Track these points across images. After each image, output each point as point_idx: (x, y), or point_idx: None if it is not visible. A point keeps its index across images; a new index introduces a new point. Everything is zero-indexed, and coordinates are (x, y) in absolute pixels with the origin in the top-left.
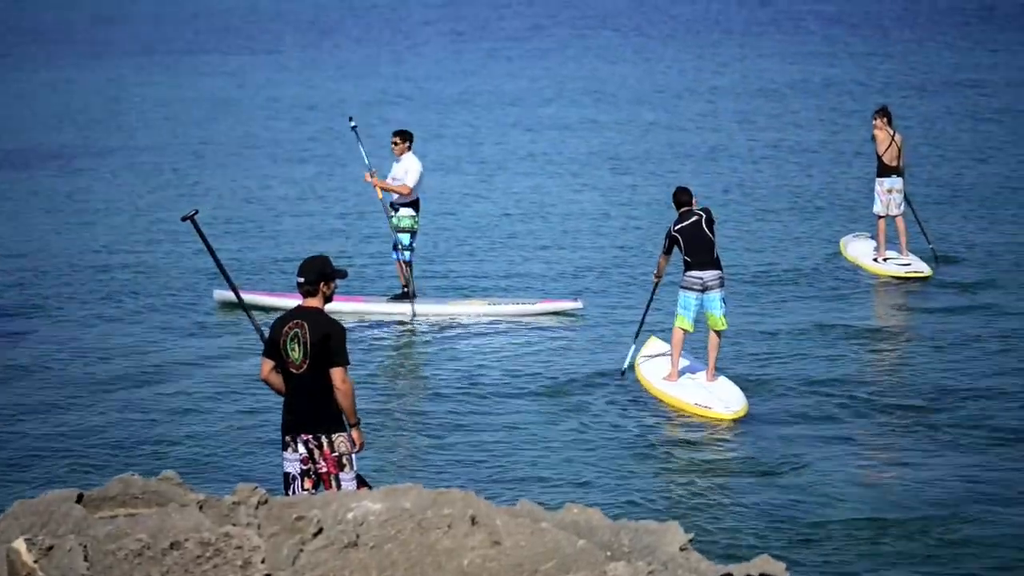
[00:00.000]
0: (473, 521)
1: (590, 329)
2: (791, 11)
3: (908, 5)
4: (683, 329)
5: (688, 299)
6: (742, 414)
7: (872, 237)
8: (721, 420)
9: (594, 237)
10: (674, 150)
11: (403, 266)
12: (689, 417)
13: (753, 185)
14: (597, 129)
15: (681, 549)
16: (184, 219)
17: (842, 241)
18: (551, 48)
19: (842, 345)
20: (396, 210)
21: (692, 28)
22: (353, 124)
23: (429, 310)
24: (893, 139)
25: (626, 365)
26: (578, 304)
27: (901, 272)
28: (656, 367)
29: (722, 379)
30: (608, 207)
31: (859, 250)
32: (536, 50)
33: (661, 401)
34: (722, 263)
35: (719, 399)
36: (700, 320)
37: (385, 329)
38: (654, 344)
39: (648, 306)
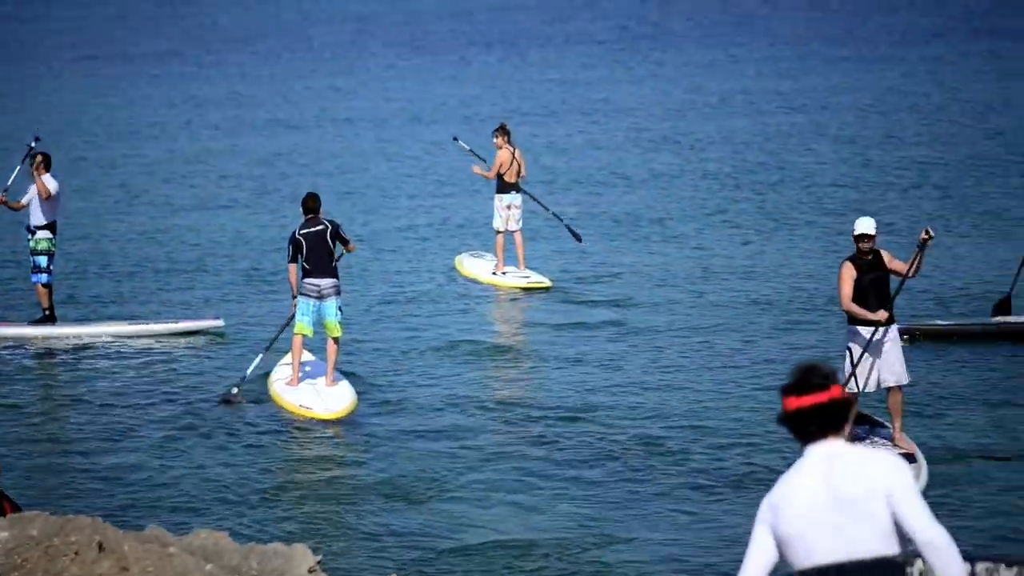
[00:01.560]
0: (101, 548)
1: (230, 347)
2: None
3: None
4: (302, 334)
5: (306, 305)
6: (342, 415)
7: (487, 253)
8: (320, 418)
9: (234, 259)
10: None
11: (42, 289)
12: (324, 434)
13: (390, 210)
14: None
15: (310, 571)
16: None
17: (457, 259)
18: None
19: (472, 361)
20: (33, 233)
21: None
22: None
23: (70, 332)
24: (514, 156)
25: (248, 373)
26: (219, 322)
27: (522, 284)
28: (283, 373)
29: (343, 384)
30: (246, 228)
31: (476, 266)
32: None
33: (280, 407)
34: (339, 273)
35: (322, 401)
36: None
37: (25, 352)
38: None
39: (290, 319)
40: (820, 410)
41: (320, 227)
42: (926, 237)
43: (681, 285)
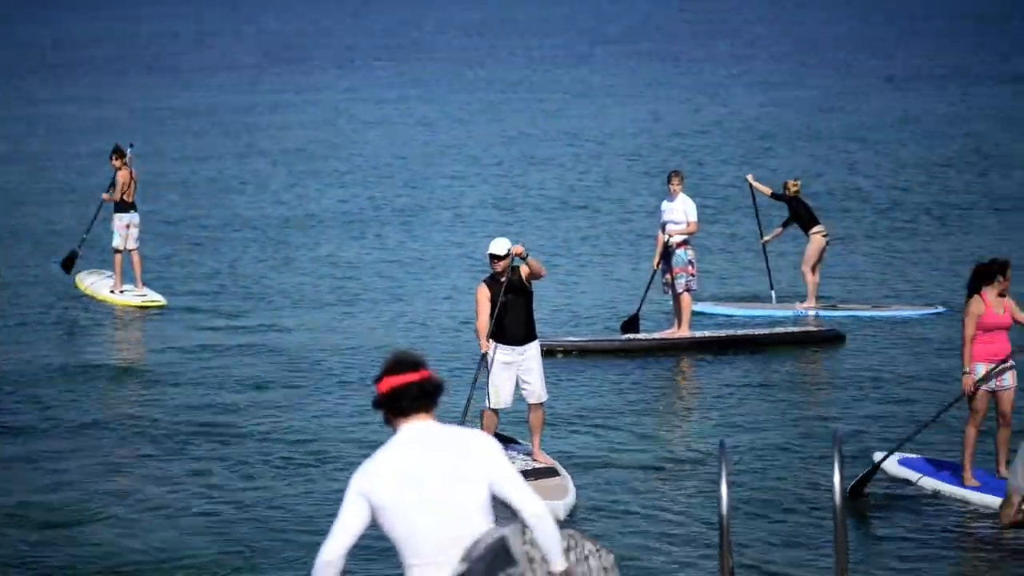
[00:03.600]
0: None
1: None
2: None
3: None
4: None
5: None
6: None
7: (107, 270)
8: None
9: None
10: None
11: None
12: None
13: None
14: None
15: None
16: None
17: (77, 277)
18: None
19: (89, 380)
20: None
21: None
22: None
23: None
24: (132, 177)
25: None
26: None
27: (138, 302)
28: None
29: None
30: None
31: (94, 284)
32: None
33: None
34: None
35: None
36: None
37: None
38: None
39: None
40: (415, 388)
41: None
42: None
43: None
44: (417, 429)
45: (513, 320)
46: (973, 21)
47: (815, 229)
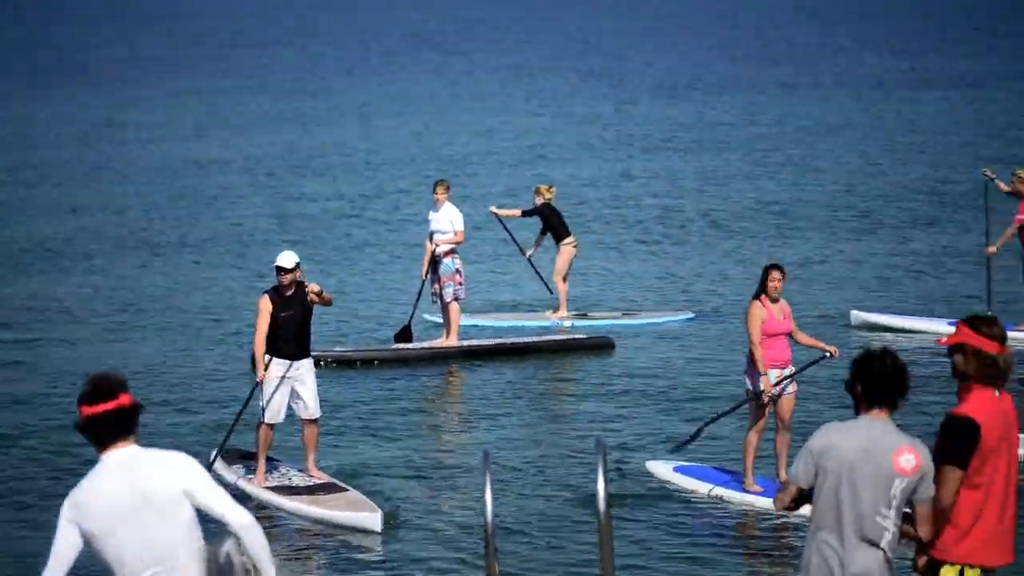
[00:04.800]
0: None
1: None
2: None
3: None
4: None
5: None
6: None
7: None
8: None
9: None
10: None
11: None
12: None
13: None
14: None
15: None
16: None
17: None
18: None
19: None
20: None
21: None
22: None
23: None
24: None
25: None
26: None
27: None
28: None
29: None
30: None
31: None
32: None
33: None
34: None
35: None
36: None
37: None
38: None
39: None
40: (112, 416)
41: None
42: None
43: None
44: (118, 456)
45: (290, 334)
46: (736, 29)
47: (566, 240)
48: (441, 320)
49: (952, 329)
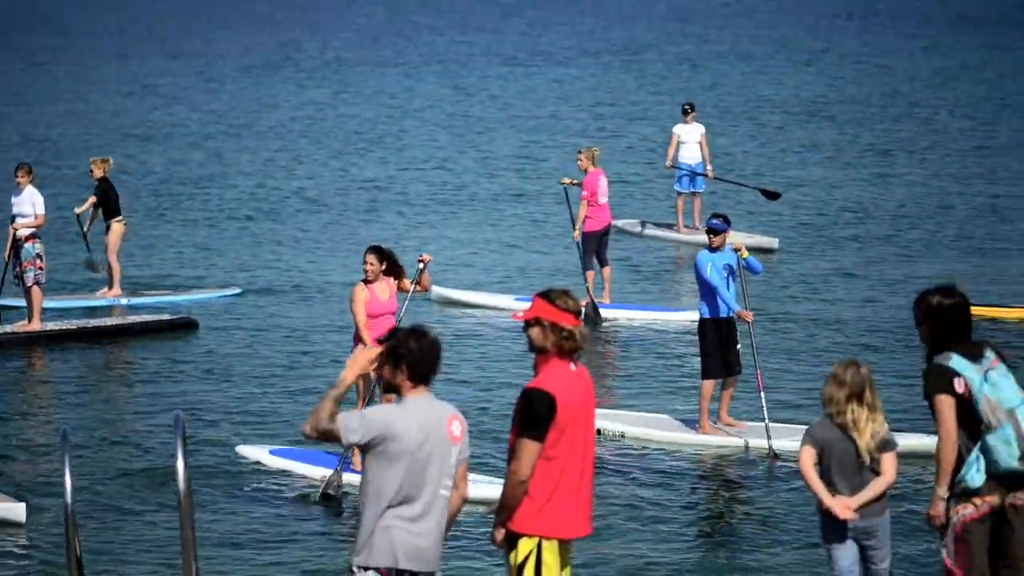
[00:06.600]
0: None
1: None
2: None
3: None
4: None
5: None
6: None
7: None
8: None
9: None
10: None
11: None
12: None
13: None
14: None
15: None
16: None
17: None
18: None
19: None
20: None
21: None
22: None
23: None
24: None
25: None
26: None
27: None
28: None
29: None
30: None
31: None
32: None
33: None
34: None
35: None
36: None
37: None
38: None
39: None
40: None
41: None
42: None
43: None
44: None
45: None
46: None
47: (118, 218)
48: (24, 304)
49: (527, 304)
